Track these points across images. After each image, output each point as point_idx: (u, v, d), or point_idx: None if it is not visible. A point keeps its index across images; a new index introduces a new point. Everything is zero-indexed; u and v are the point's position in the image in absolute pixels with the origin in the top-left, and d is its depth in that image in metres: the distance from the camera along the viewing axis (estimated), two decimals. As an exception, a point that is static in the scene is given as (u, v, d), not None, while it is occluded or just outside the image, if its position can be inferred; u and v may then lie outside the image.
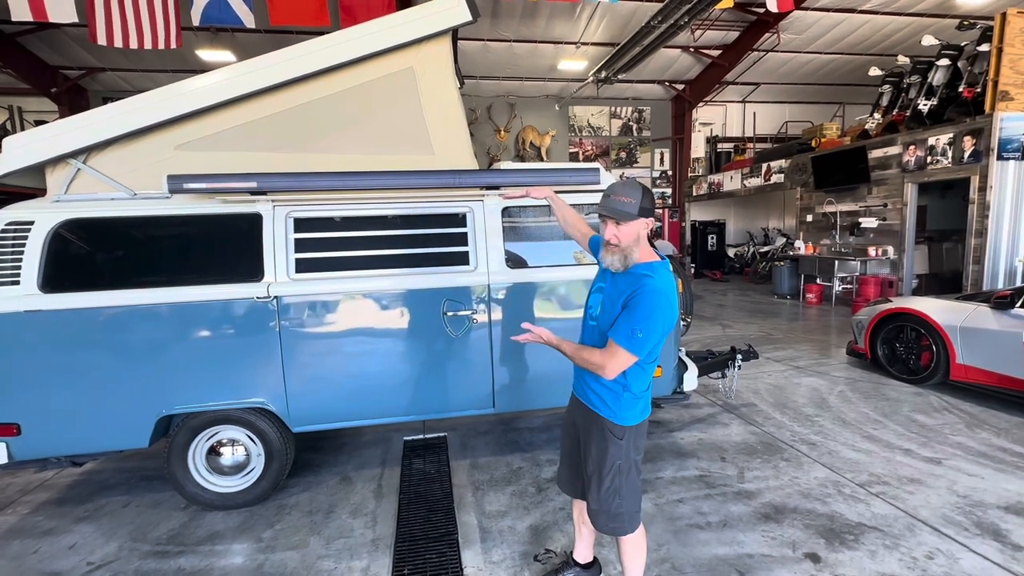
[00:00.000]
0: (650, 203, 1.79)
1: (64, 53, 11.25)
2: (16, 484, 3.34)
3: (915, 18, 11.53)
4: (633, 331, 1.71)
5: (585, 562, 2.26)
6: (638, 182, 1.84)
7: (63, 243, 2.67)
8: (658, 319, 1.72)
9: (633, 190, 1.77)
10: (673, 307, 1.76)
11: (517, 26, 11.31)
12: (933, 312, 4.58)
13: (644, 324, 1.71)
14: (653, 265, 1.81)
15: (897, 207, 8.32)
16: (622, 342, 1.72)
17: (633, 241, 1.78)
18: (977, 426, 3.84)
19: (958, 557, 2.39)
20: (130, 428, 2.75)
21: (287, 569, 2.44)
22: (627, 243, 1.78)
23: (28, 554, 2.61)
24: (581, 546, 2.25)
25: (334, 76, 2.95)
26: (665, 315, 1.73)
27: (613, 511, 1.88)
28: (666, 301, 1.73)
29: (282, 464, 2.96)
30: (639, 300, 1.72)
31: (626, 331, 1.72)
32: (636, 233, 1.78)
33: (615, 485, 1.86)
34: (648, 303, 1.71)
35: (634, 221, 1.76)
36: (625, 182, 1.82)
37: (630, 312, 1.73)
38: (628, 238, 1.77)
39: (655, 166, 15.96)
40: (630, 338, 1.71)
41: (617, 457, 1.85)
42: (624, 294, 1.77)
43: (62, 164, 2.75)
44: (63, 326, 2.63)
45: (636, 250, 1.79)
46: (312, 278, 2.86)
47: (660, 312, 1.72)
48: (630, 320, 1.73)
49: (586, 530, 2.19)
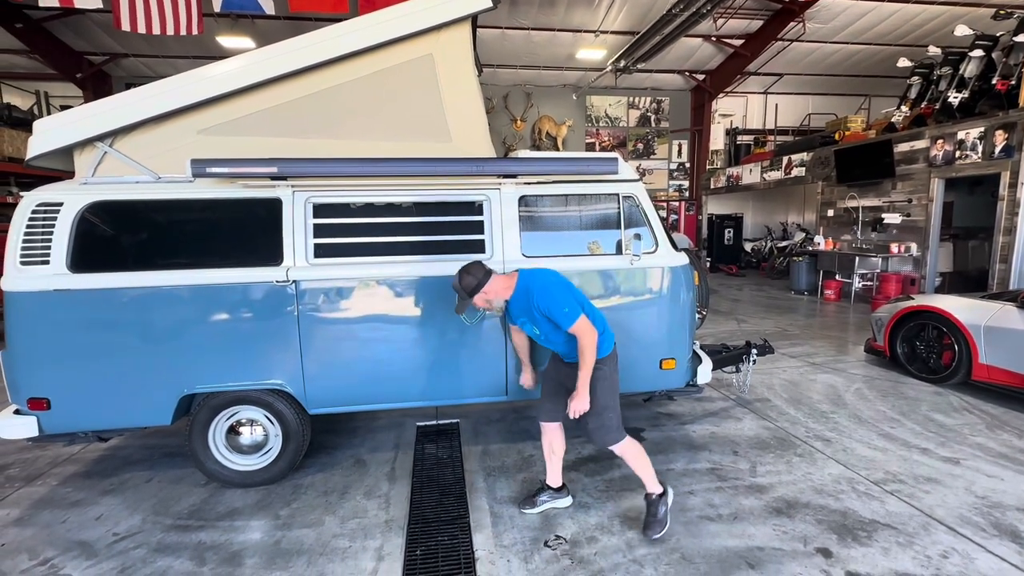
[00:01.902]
0: (471, 281, 2.39)
1: (89, 39, 11.43)
2: (46, 457, 3.47)
3: (948, 7, 11.12)
4: (561, 311, 2.36)
5: (556, 486, 2.80)
6: (458, 272, 2.43)
7: (90, 224, 2.74)
8: (556, 291, 2.40)
9: (455, 283, 2.42)
10: (548, 274, 2.49)
11: (536, 14, 11.18)
12: (956, 310, 4.47)
13: (558, 301, 2.37)
14: (517, 285, 2.47)
15: (922, 203, 8.11)
16: (570, 322, 2.36)
17: (489, 298, 2.44)
18: (999, 427, 3.76)
19: (974, 557, 2.36)
20: (153, 406, 2.84)
21: (303, 546, 2.50)
22: (487, 301, 2.45)
23: (57, 523, 2.71)
24: (552, 473, 2.79)
25: (354, 62, 2.95)
26: (555, 285, 2.44)
27: (607, 424, 2.47)
28: (544, 280, 2.44)
29: (299, 445, 3.03)
30: (539, 298, 2.39)
31: (561, 316, 2.36)
32: (483, 298, 2.43)
33: (604, 402, 2.46)
34: (542, 294, 2.39)
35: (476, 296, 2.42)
36: (453, 282, 2.44)
37: (546, 309, 2.38)
38: (482, 302, 2.45)
39: (673, 158, 15.74)
40: (567, 315, 2.35)
41: (603, 378, 2.47)
42: (528, 307, 2.43)
43: (89, 147, 2.81)
44: (90, 305, 2.70)
45: (497, 295, 2.46)
46: (330, 263, 2.90)
47: (551, 288, 2.41)
48: (551, 310, 2.37)
49: (555, 458, 2.76)
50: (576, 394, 2.39)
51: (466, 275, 2.41)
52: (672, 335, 3.27)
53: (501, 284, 2.45)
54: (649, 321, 3.24)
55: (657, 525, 2.53)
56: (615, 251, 3.19)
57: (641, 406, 4.23)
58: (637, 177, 3.27)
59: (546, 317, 2.41)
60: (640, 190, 3.21)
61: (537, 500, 2.77)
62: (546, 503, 2.77)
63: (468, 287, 2.40)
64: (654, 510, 2.55)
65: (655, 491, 2.56)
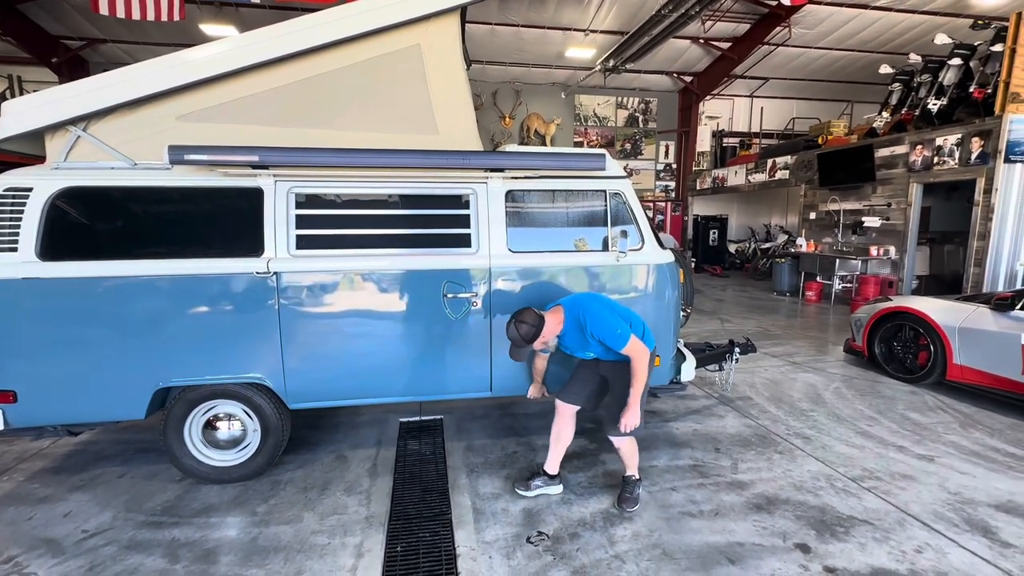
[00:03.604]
0: (528, 330, 2.49)
1: (66, 22, 11.07)
2: (12, 452, 3.35)
3: (929, 16, 11.37)
4: (613, 334, 2.49)
5: (553, 473, 2.87)
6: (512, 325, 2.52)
7: (62, 211, 2.64)
8: (606, 316, 2.54)
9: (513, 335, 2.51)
10: (592, 301, 2.62)
11: (526, 11, 11.14)
12: (932, 312, 4.58)
13: (610, 326, 2.50)
14: (565, 319, 2.59)
15: (901, 207, 8.29)
16: (622, 344, 2.49)
17: (545, 341, 2.59)
18: (971, 426, 3.85)
19: (947, 552, 2.41)
20: (127, 399, 2.75)
21: (281, 543, 2.45)
22: (544, 343, 2.61)
23: (23, 520, 2.62)
24: (552, 459, 2.87)
25: (339, 50, 2.90)
26: (603, 307, 2.59)
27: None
28: (592, 308, 2.57)
29: (278, 440, 2.97)
30: (592, 324, 2.52)
31: (614, 340, 2.49)
32: (541, 342, 2.58)
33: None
34: (595, 320, 2.52)
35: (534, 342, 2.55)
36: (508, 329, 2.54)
37: (597, 333, 2.53)
38: (540, 345, 2.62)
39: (660, 158, 15.84)
40: (620, 337, 2.49)
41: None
42: (580, 334, 2.58)
43: (62, 131, 2.71)
44: (61, 294, 2.61)
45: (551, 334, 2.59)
46: (312, 255, 2.84)
47: (600, 315, 2.54)
48: (605, 337, 2.51)
49: (560, 446, 2.85)
50: (628, 409, 2.52)
51: (522, 324, 2.48)
52: (657, 332, 3.27)
53: (553, 322, 2.56)
54: (634, 318, 3.24)
55: (632, 501, 2.73)
56: (602, 248, 3.18)
57: (625, 403, 4.24)
58: (625, 174, 3.27)
59: (599, 341, 2.55)
60: (627, 187, 3.21)
61: (531, 484, 2.85)
62: (539, 488, 2.84)
63: (528, 336, 2.48)
64: (631, 489, 2.77)
65: (636, 475, 2.80)
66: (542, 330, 2.51)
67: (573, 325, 2.58)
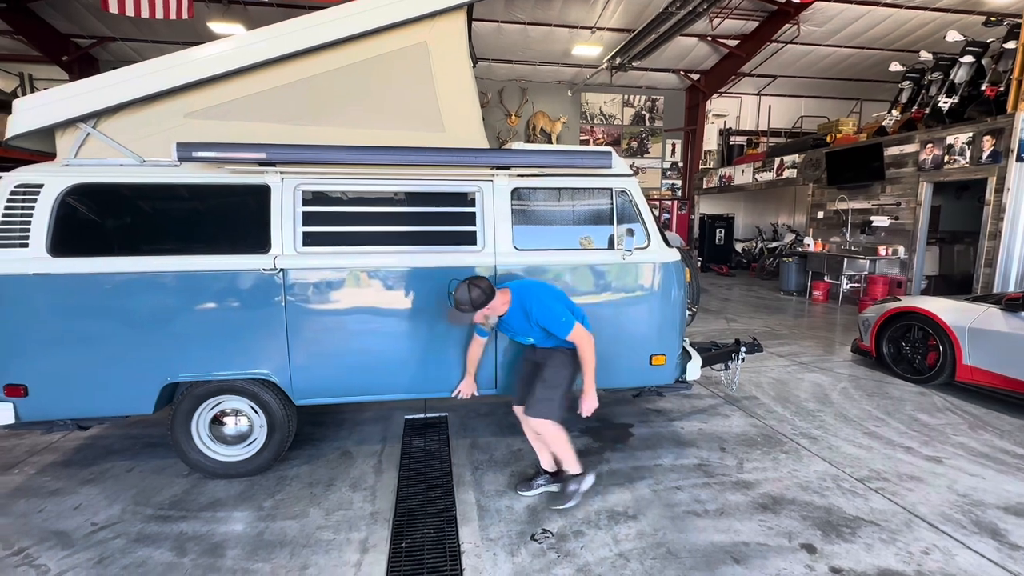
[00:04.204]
0: (480, 295, 2.46)
1: (76, 21, 11.17)
2: (23, 445, 3.39)
3: (940, 13, 11.25)
4: (558, 322, 2.53)
5: (552, 470, 2.88)
6: (465, 286, 2.47)
7: (72, 207, 2.66)
8: (551, 304, 2.57)
9: (463, 297, 2.45)
10: (539, 287, 2.66)
11: (532, 9, 11.12)
12: (942, 312, 4.53)
13: (555, 313, 2.54)
14: (512, 301, 2.60)
15: (911, 206, 8.21)
16: (567, 331, 2.54)
17: (487, 315, 2.56)
18: (980, 427, 3.81)
19: (955, 554, 2.39)
20: (135, 394, 2.78)
21: (287, 537, 2.47)
22: (485, 317, 2.57)
23: (34, 512, 2.65)
24: (545, 457, 2.89)
25: (346, 48, 2.90)
26: (549, 295, 2.62)
27: (552, 399, 2.61)
28: (538, 294, 2.60)
29: (284, 436, 2.99)
30: (537, 311, 2.55)
31: (558, 327, 2.54)
32: (483, 314, 2.53)
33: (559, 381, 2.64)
34: (540, 308, 2.55)
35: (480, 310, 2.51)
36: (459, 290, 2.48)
37: (540, 317, 2.55)
38: (481, 317, 2.57)
39: (666, 157, 15.78)
40: (564, 325, 2.53)
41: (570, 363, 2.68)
42: (524, 319, 2.60)
43: (72, 128, 2.73)
44: (71, 290, 2.64)
45: (495, 311, 2.58)
46: (319, 252, 2.86)
47: (546, 302, 2.57)
48: (550, 323, 2.54)
49: (539, 443, 2.86)
50: (585, 394, 2.60)
51: (475, 288, 2.46)
52: (663, 331, 3.26)
53: (500, 300, 2.56)
54: (640, 317, 3.24)
55: (563, 498, 2.70)
56: (607, 246, 3.18)
57: (630, 402, 4.23)
58: (631, 172, 3.25)
59: (542, 328, 2.58)
60: (634, 185, 3.20)
61: (533, 484, 2.86)
62: (542, 487, 2.85)
63: (477, 302, 2.46)
64: (567, 486, 2.73)
65: (574, 471, 2.76)
66: (490, 302, 2.50)
67: (518, 309, 2.60)
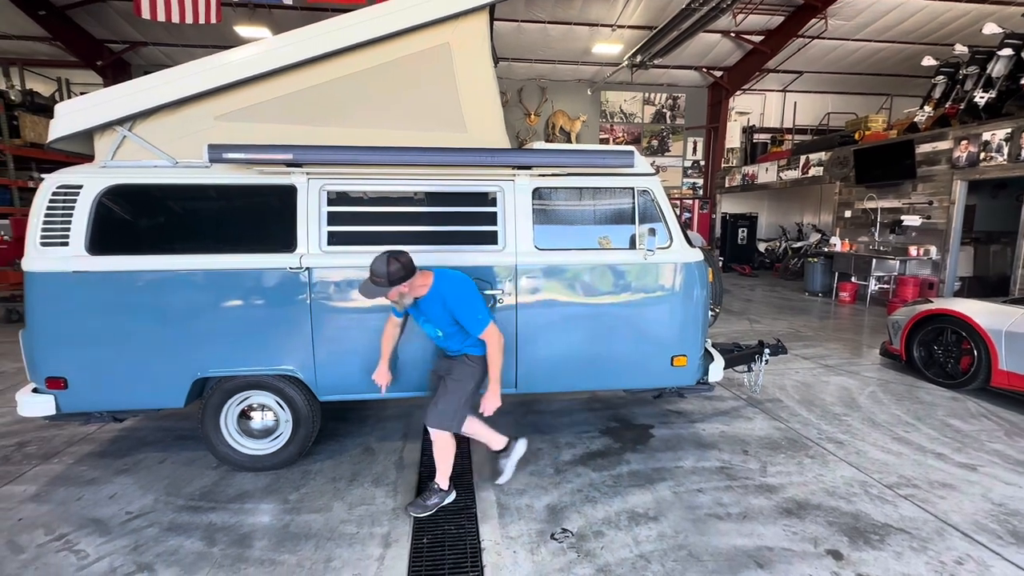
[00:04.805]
0: (399, 270, 2.35)
1: (109, 27, 11.56)
2: (62, 436, 3.54)
3: (976, 5, 10.82)
4: (475, 317, 2.50)
5: (500, 448, 2.92)
6: (384, 258, 2.36)
7: (109, 207, 2.77)
8: (469, 295, 2.52)
9: (379, 268, 2.35)
10: (463, 280, 2.57)
11: (552, 7, 11.08)
12: (977, 315, 4.38)
13: (474, 307, 2.51)
14: (432, 285, 2.52)
15: (944, 205, 7.94)
16: (481, 328, 2.51)
17: (404, 292, 2.43)
18: (1017, 434, 3.68)
19: (990, 565, 2.31)
20: (168, 388, 2.87)
21: (311, 530, 2.52)
22: (400, 294, 2.45)
23: (73, 500, 2.77)
24: (494, 441, 2.89)
25: (370, 50, 2.94)
26: (468, 289, 2.54)
27: (451, 408, 2.58)
28: (461, 286, 2.53)
29: (308, 431, 3.05)
30: (456, 303, 2.49)
31: (473, 322, 2.50)
32: (399, 291, 2.42)
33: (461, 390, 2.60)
34: (460, 300, 2.50)
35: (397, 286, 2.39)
36: (376, 261, 2.37)
37: (460, 314, 2.50)
38: (396, 295, 2.44)
39: (687, 155, 15.56)
40: (480, 322, 2.50)
41: (473, 375, 2.65)
42: (441, 308, 2.52)
43: (109, 131, 2.83)
44: (107, 287, 2.74)
45: (414, 292, 2.48)
46: (343, 251, 2.91)
47: (468, 295, 2.51)
48: (466, 317, 2.50)
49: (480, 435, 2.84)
50: (489, 394, 2.59)
51: (395, 262, 2.36)
52: (684, 332, 3.23)
53: (420, 281, 2.49)
54: (661, 317, 3.21)
55: (419, 507, 2.64)
56: (629, 246, 3.16)
57: (651, 403, 4.20)
58: (653, 171, 3.23)
59: (455, 321, 2.53)
60: (656, 184, 3.17)
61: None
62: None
63: (395, 276, 2.35)
64: (428, 496, 2.68)
65: (442, 485, 2.71)
66: (409, 280, 2.40)
67: (436, 297, 2.51)
